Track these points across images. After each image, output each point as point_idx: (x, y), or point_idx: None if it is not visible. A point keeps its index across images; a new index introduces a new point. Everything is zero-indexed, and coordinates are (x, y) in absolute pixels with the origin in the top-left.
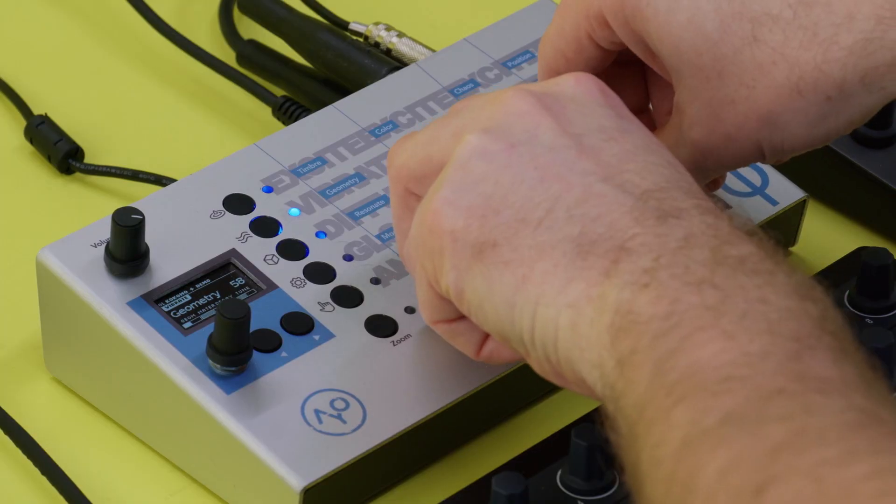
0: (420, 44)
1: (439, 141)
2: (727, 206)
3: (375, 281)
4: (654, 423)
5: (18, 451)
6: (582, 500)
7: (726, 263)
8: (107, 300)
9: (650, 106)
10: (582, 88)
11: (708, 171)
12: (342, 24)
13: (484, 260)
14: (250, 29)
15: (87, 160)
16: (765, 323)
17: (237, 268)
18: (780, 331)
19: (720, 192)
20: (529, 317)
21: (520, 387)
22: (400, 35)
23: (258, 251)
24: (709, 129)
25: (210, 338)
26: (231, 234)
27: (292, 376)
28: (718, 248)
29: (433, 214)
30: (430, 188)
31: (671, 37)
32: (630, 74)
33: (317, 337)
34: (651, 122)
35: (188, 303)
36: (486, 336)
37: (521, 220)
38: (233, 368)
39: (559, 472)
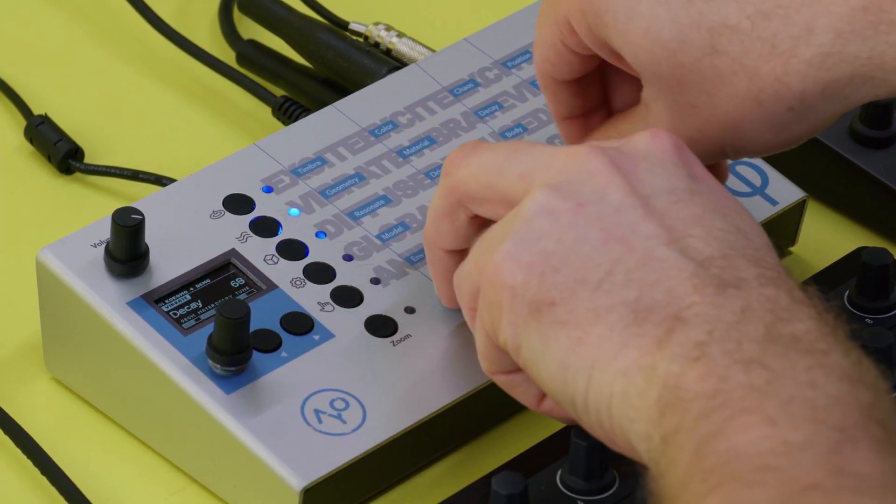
0: (420, 44)
1: (505, 176)
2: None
3: (375, 281)
4: None
5: (18, 451)
6: (582, 500)
7: (780, 341)
8: (107, 300)
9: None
10: (656, 145)
11: None
12: (342, 24)
13: (540, 318)
14: (250, 29)
15: (87, 160)
16: (810, 410)
17: (237, 268)
18: (825, 419)
19: None
20: (584, 380)
21: None
22: (400, 35)
23: (258, 251)
24: (672, 130)
25: (210, 338)
26: (231, 234)
27: (292, 376)
28: (774, 324)
29: (494, 268)
30: (492, 236)
31: (630, 45)
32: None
33: (317, 337)
34: (609, 115)
35: (188, 303)
36: None
37: (579, 281)
38: (233, 368)
39: (559, 472)
